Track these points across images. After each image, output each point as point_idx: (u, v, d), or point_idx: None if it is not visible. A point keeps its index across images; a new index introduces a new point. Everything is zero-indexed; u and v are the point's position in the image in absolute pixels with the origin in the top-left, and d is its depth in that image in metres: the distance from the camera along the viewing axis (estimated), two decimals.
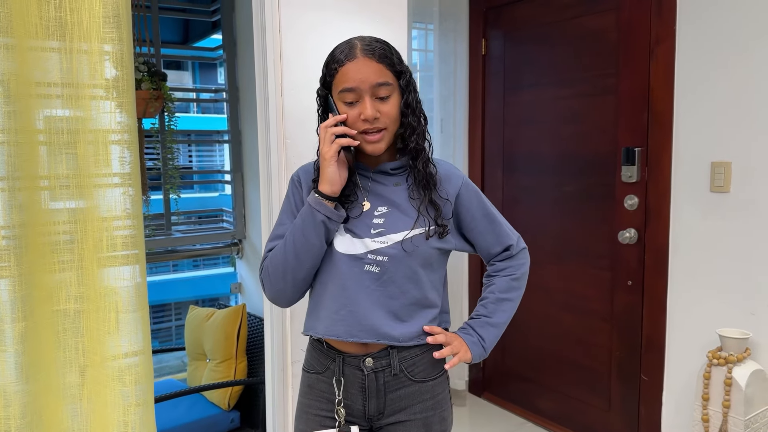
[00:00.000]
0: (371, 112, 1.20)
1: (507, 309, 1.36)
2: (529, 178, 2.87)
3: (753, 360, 2.05)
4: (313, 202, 1.23)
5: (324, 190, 1.23)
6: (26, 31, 1.18)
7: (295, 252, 1.25)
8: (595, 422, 2.66)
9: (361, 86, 1.20)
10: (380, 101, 1.22)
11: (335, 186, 1.23)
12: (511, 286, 1.37)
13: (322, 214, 1.22)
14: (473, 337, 1.33)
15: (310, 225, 1.23)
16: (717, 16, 2.12)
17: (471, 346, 1.32)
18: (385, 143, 1.25)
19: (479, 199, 1.35)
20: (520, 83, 2.88)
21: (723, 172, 2.13)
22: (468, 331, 1.34)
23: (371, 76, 1.20)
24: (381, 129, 1.23)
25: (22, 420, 1.21)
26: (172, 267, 7.43)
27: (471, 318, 1.37)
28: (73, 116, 1.25)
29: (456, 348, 1.30)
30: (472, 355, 1.32)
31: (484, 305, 1.37)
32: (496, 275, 1.39)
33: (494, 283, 1.38)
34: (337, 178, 1.23)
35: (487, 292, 1.38)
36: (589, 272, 2.63)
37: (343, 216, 1.25)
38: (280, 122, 1.82)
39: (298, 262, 1.25)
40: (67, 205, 1.27)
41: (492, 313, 1.35)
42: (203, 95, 6.79)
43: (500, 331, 1.36)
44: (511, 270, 1.38)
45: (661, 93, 2.29)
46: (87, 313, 1.29)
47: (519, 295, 1.39)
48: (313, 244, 1.24)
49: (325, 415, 1.30)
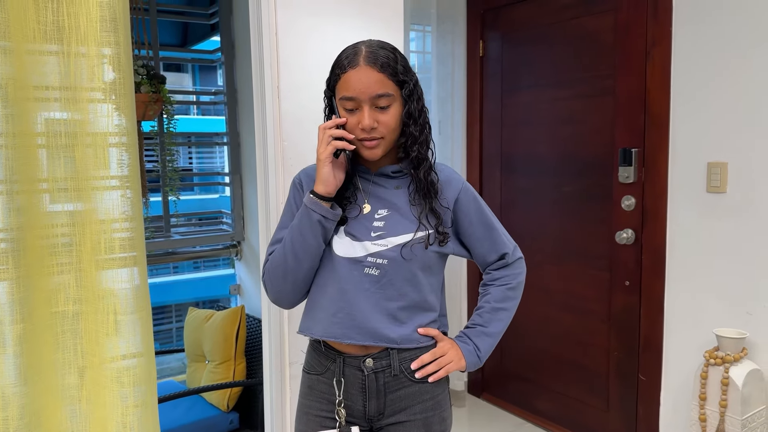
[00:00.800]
0: (369, 122, 1.21)
1: (503, 318, 1.37)
2: (527, 179, 2.88)
3: (750, 360, 2.05)
4: (309, 203, 1.24)
5: (318, 191, 1.24)
6: (24, 35, 1.19)
7: (294, 252, 1.26)
8: (593, 422, 2.66)
9: (360, 96, 1.20)
10: (379, 111, 1.22)
11: (329, 186, 1.24)
12: (507, 296, 1.38)
13: (318, 213, 1.23)
14: (469, 346, 1.34)
15: (307, 225, 1.24)
16: (713, 18, 2.13)
17: (466, 355, 1.33)
18: (381, 150, 1.25)
19: (477, 205, 1.35)
20: (518, 85, 2.89)
21: (719, 172, 2.14)
22: (464, 339, 1.35)
23: (371, 86, 1.20)
24: (378, 138, 1.23)
25: (20, 421, 1.22)
26: (173, 269, 7.44)
27: (467, 327, 1.38)
28: (71, 119, 1.26)
29: (449, 357, 1.31)
30: (467, 364, 1.33)
31: (480, 314, 1.37)
32: (491, 284, 1.39)
33: (490, 293, 1.38)
34: (332, 179, 1.24)
35: (483, 302, 1.38)
36: (587, 273, 2.63)
37: (339, 215, 1.26)
38: (277, 124, 1.83)
39: (296, 262, 1.26)
40: (65, 207, 1.28)
41: (488, 323, 1.36)
42: (203, 98, 6.80)
43: (495, 340, 1.37)
44: (506, 279, 1.38)
45: (658, 94, 2.30)
46: (86, 314, 1.30)
47: (515, 304, 1.39)
48: (310, 244, 1.25)
49: (325, 415, 1.31)
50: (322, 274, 1.29)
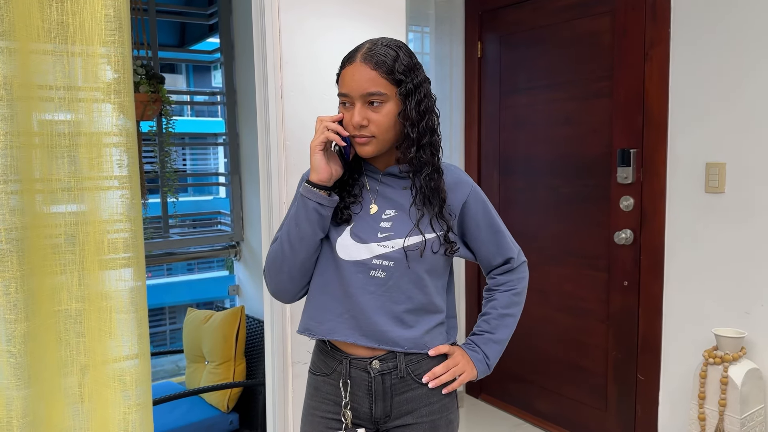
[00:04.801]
0: (357, 119, 1.20)
1: (509, 324, 1.37)
2: (525, 180, 2.89)
3: (748, 359, 2.06)
4: (304, 191, 1.24)
5: (312, 179, 1.24)
6: (28, 34, 1.19)
7: (290, 242, 1.26)
8: (592, 422, 2.67)
9: (352, 93, 1.21)
10: (371, 109, 1.21)
11: (321, 174, 1.23)
12: (513, 301, 1.37)
13: (313, 201, 1.23)
14: (479, 355, 1.33)
15: (302, 213, 1.24)
16: (711, 20, 2.14)
17: (477, 364, 1.33)
18: (372, 148, 1.23)
19: (486, 208, 1.34)
20: (516, 86, 2.90)
21: (717, 172, 2.15)
22: (473, 347, 1.34)
23: (362, 84, 1.19)
24: (367, 136, 1.22)
25: (23, 420, 1.21)
26: (167, 271, 7.40)
27: (474, 334, 1.37)
28: (75, 119, 1.26)
29: (462, 367, 1.30)
30: (478, 372, 1.33)
31: (487, 321, 1.36)
32: (497, 289, 1.38)
33: (496, 299, 1.37)
34: (324, 166, 1.23)
35: (489, 308, 1.37)
36: (585, 273, 2.64)
37: (335, 201, 1.25)
38: (280, 125, 1.83)
39: (292, 252, 1.26)
40: (67, 208, 1.28)
41: (495, 329, 1.35)
42: (199, 98, 6.79)
43: (503, 347, 1.36)
44: (512, 284, 1.38)
45: (656, 95, 2.32)
46: (88, 313, 1.30)
47: (520, 310, 1.39)
48: (305, 233, 1.24)
49: (331, 417, 1.30)
50: (324, 275, 1.28)
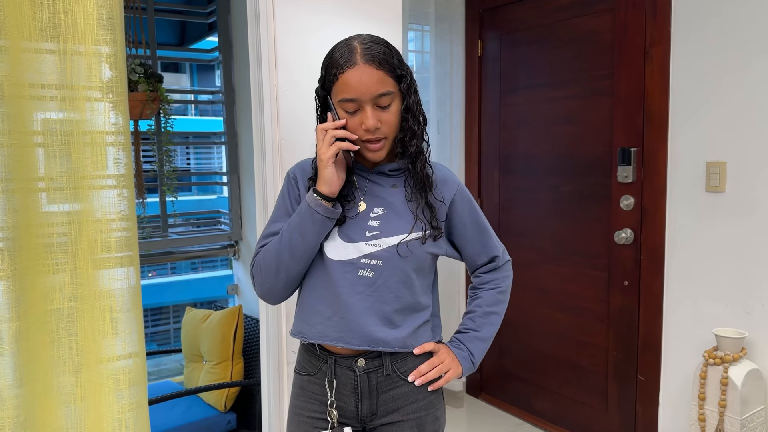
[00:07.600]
0: (373, 122, 1.19)
1: (494, 322, 1.38)
2: (525, 179, 2.88)
3: (749, 359, 2.05)
4: (313, 204, 1.22)
5: (323, 191, 1.22)
6: (20, 32, 1.18)
7: (291, 250, 1.24)
8: (592, 423, 2.66)
9: (362, 97, 1.18)
10: (381, 110, 1.20)
11: (333, 187, 1.22)
12: (498, 300, 1.38)
13: (321, 214, 1.22)
14: (464, 352, 1.34)
15: (309, 224, 1.22)
16: (712, 18, 2.13)
17: (461, 361, 1.33)
18: (386, 151, 1.25)
19: (471, 207, 1.35)
20: (517, 85, 2.89)
21: (718, 172, 2.14)
22: (458, 345, 1.35)
23: (373, 86, 1.17)
24: (382, 138, 1.22)
25: (15, 420, 1.21)
26: (170, 270, 7.42)
27: (459, 332, 1.38)
28: (68, 118, 1.25)
29: (447, 365, 1.31)
30: (463, 370, 1.33)
31: (472, 319, 1.37)
32: (482, 288, 1.39)
33: (481, 297, 1.38)
34: (336, 179, 1.22)
35: (474, 306, 1.38)
36: (585, 273, 2.63)
37: (339, 213, 1.25)
38: (275, 124, 1.82)
39: (293, 259, 1.25)
40: (61, 207, 1.27)
41: (480, 327, 1.36)
42: (200, 97, 6.79)
43: (487, 345, 1.37)
44: (496, 282, 1.39)
45: (657, 94, 2.30)
46: (81, 312, 1.29)
47: (504, 308, 1.40)
48: (309, 243, 1.24)
49: (317, 416, 1.30)
50: (313, 277, 1.28)
